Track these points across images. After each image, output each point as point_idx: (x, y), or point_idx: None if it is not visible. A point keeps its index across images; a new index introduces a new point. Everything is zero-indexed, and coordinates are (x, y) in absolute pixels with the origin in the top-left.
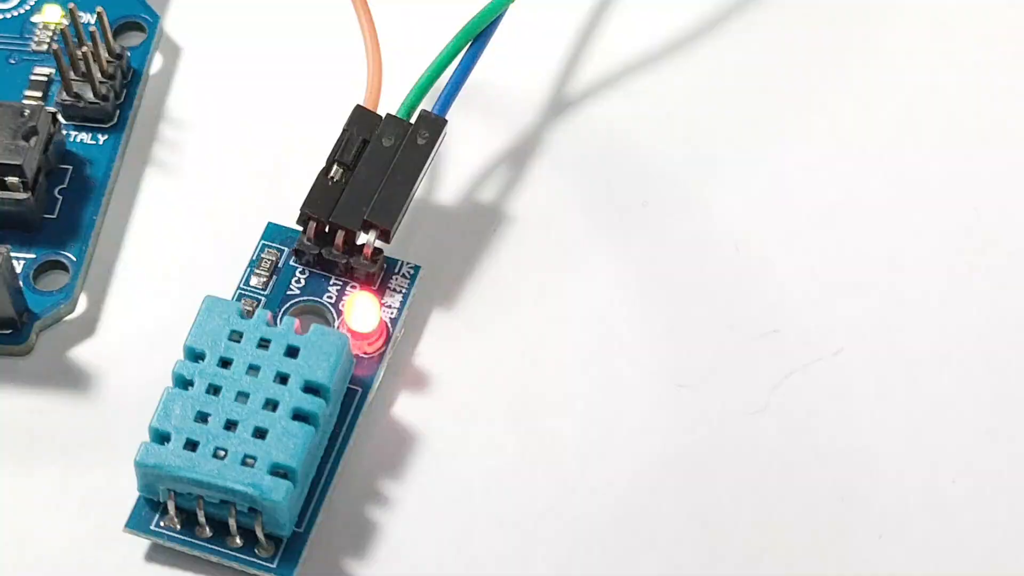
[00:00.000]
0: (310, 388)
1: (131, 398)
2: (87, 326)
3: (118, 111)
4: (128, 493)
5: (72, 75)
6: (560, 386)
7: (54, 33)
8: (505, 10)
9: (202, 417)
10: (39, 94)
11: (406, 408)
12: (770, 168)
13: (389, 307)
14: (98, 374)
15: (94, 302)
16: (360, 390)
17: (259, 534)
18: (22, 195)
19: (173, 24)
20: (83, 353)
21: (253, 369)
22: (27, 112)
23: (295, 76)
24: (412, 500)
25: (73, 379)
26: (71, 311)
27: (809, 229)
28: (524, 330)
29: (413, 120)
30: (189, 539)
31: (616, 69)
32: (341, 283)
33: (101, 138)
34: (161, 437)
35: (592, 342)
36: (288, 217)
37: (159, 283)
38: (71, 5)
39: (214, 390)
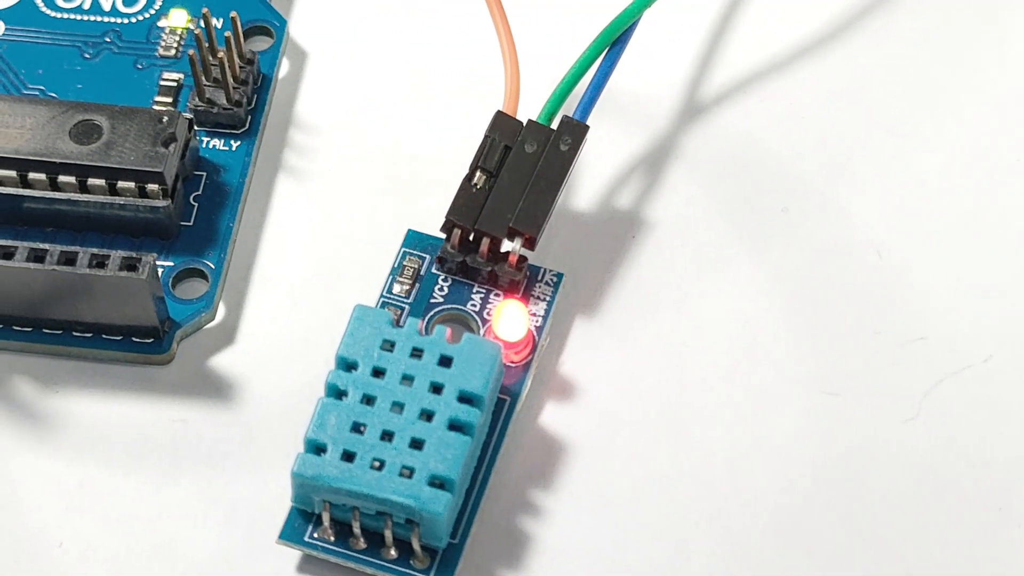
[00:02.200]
0: (464, 398)
1: (273, 407)
2: (227, 334)
3: (250, 117)
4: (275, 503)
5: (205, 81)
6: (706, 394)
7: (181, 38)
8: (641, 15)
9: (357, 427)
10: (169, 100)
11: (553, 417)
12: (908, 171)
13: (534, 315)
14: (239, 383)
15: (232, 310)
16: (508, 399)
17: (415, 546)
18: (162, 202)
19: (298, 28)
20: (223, 361)
21: (407, 379)
22: (165, 118)
23: (423, 79)
24: (563, 510)
25: (215, 388)
26: (212, 319)
27: (950, 233)
28: (668, 337)
29: (554, 126)
30: (343, 551)
31: (749, 73)
32: (484, 291)
33: (234, 144)
34: (317, 448)
35: (737, 349)
36: (421, 223)
37: (296, 290)
38: (205, 10)
39: (368, 400)
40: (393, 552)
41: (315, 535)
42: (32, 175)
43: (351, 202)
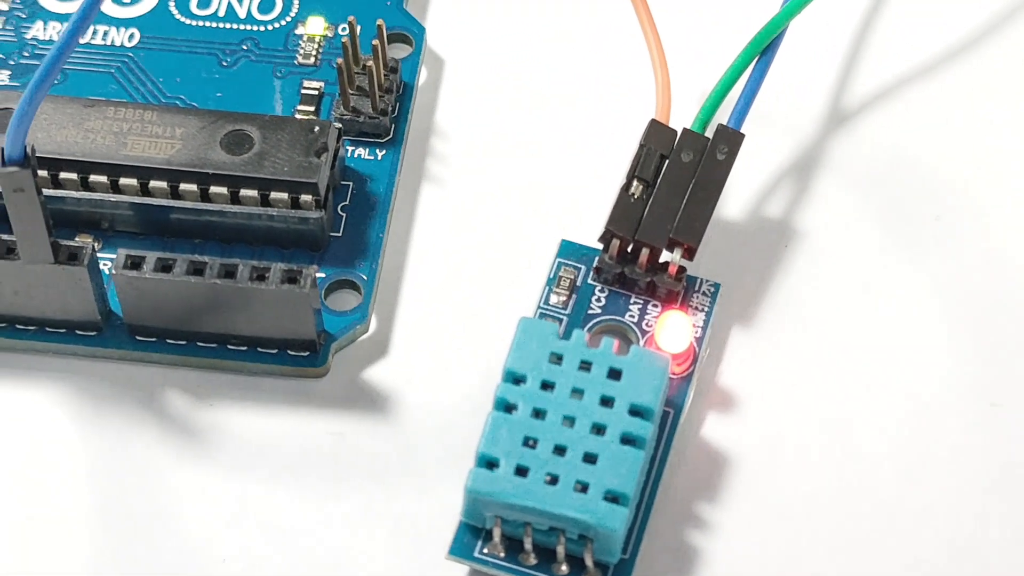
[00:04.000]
0: (635, 411)
1: (430, 420)
2: (379, 347)
3: (393, 125)
4: (440, 517)
5: (350, 89)
6: (869, 405)
7: (319, 46)
8: (789, 23)
9: (529, 442)
10: (311, 108)
11: (715, 429)
12: None
13: (694, 326)
14: (394, 396)
15: (384, 322)
16: (672, 412)
17: (588, 561)
18: (315, 213)
19: (433, 35)
20: (377, 374)
21: (576, 392)
22: (316, 128)
23: (559, 86)
24: (731, 523)
25: (370, 401)
26: (366, 331)
27: None
28: (826, 348)
29: (708, 134)
30: (514, 566)
31: (895, 79)
32: (642, 302)
33: (379, 153)
34: (489, 463)
35: (897, 359)
36: (566, 231)
37: (446, 301)
38: (351, 19)
39: (538, 414)
40: (565, 568)
41: (485, 551)
42: (183, 186)
43: (494, 211)
